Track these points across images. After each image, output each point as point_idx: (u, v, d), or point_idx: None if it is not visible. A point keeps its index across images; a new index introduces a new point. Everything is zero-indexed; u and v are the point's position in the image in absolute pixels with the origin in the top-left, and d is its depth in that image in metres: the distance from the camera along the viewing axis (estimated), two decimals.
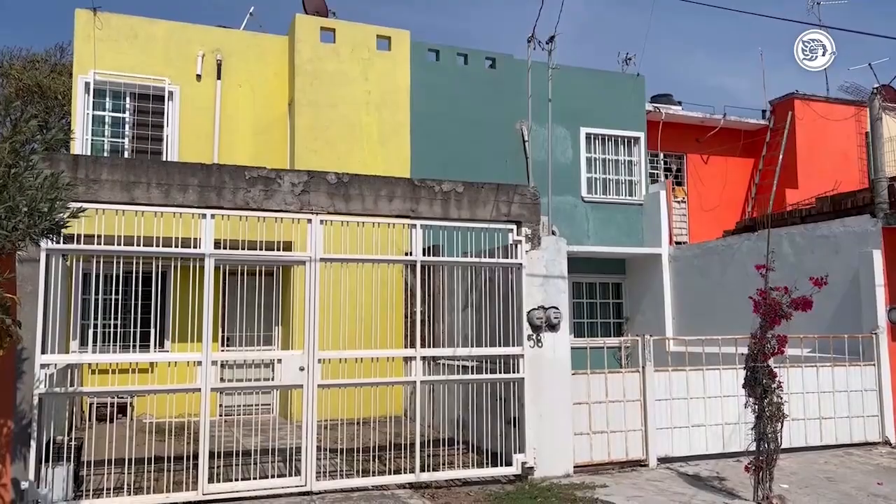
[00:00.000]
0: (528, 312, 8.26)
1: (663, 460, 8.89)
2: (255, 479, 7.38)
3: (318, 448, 7.52)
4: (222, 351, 10.84)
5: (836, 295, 10.38)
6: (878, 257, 10.35)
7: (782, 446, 7.35)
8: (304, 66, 13.41)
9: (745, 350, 7.51)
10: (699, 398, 9.22)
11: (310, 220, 7.52)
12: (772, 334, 7.22)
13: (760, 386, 7.15)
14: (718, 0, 8.65)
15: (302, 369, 7.35)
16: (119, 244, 6.87)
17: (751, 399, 7.27)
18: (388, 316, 8.41)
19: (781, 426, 7.20)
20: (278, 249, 7.51)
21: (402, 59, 14.13)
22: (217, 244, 7.21)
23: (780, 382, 7.23)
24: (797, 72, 46.56)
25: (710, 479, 8.15)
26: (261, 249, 7.37)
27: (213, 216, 7.19)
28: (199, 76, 13.28)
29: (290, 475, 7.46)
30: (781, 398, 7.22)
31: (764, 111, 18.15)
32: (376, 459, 8.16)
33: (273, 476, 7.49)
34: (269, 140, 13.58)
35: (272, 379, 7.89)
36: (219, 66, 13.39)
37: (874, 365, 10.21)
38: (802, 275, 7.84)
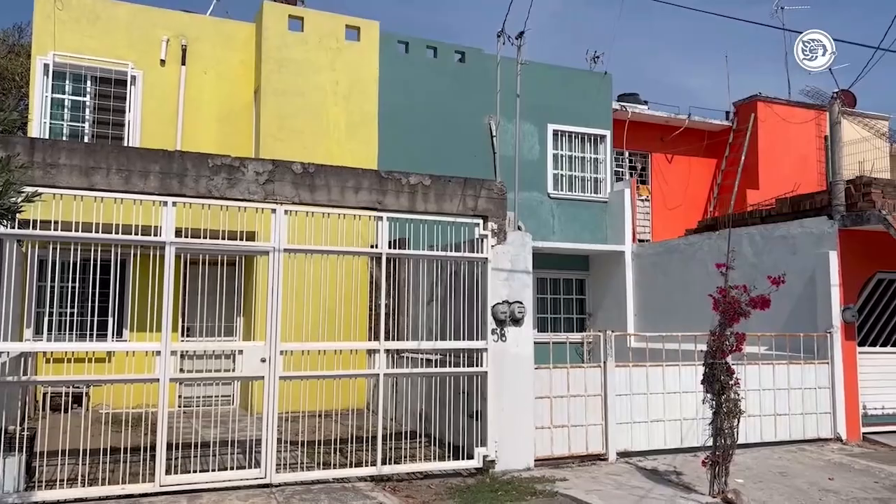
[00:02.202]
0: (493, 307, 8.29)
1: (622, 454, 9.00)
2: (213, 470, 7.28)
3: (279, 440, 7.46)
4: (182, 341, 10.67)
5: (793, 294, 10.60)
6: (833, 258, 10.60)
7: (738, 442, 7.49)
8: (271, 53, 13.25)
9: (704, 347, 7.62)
10: (658, 394, 9.35)
11: (274, 210, 7.43)
12: (730, 332, 7.35)
13: (718, 382, 7.28)
14: (686, 1, 8.75)
15: (263, 361, 7.27)
16: (77, 230, 6.70)
17: (709, 395, 7.39)
18: (353, 308, 8.36)
19: (738, 422, 7.33)
20: (241, 239, 7.42)
21: (371, 50, 14.05)
22: (178, 232, 7.10)
23: (737, 379, 7.37)
24: (760, 74, 47.39)
25: (667, 474, 8.27)
26: (223, 239, 7.27)
27: (174, 204, 7.06)
28: (163, 61, 13.03)
29: (250, 467, 7.38)
30: (738, 395, 7.35)
31: (727, 112, 18.43)
32: (338, 452, 8.13)
33: (232, 468, 7.40)
34: (234, 128, 13.40)
35: (233, 370, 7.79)
36: (184, 51, 13.15)
37: (828, 363, 10.46)
38: (761, 274, 7.99)
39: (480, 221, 8.40)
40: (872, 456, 9.63)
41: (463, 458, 8.14)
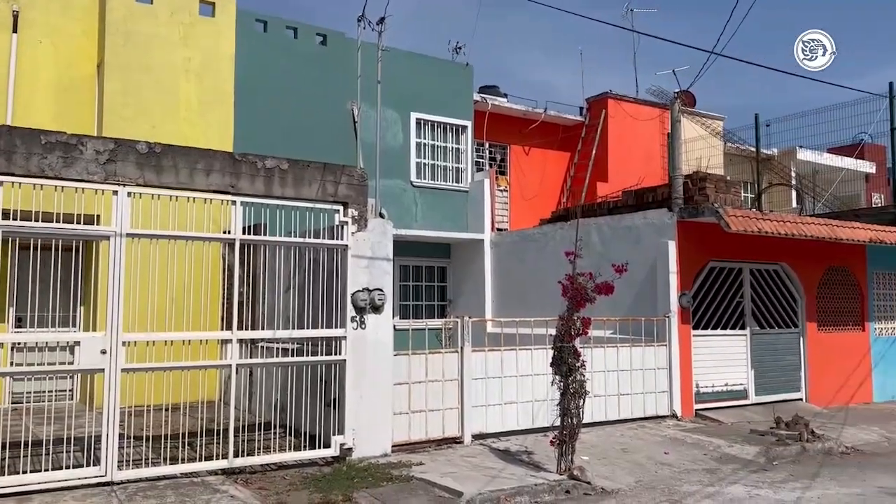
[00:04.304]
0: (353, 294, 8.22)
1: (478, 437, 9.24)
2: (46, 470, 6.77)
3: (122, 436, 7.05)
4: (12, 332, 9.81)
5: (636, 281, 11.28)
6: (672, 248, 11.37)
7: (584, 421, 7.91)
8: (117, 25, 12.38)
9: (554, 331, 7.96)
10: (512, 377, 9.67)
11: (115, 192, 6.97)
12: (577, 316, 7.71)
13: (566, 364, 7.62)
14: None
15: (104, 352, 6.83)
16: None
17: (557, 377, 7.72)
18: (204, 296, 8.01)
19: (584, 402, 7.72)
20: (80, 223, 6.90)
21: (227, 28, 13.46)
22: (6, 215, 6.50)
23: (583, 361, 7.75)
24: (613, 72, 49.97)
25: (519, 454, 8.58)
26: (59, 222, 6.73)
27: (0, 183, 6.46)
28: None
29: (89, 465, 6.92)
30: (585, 376, 7.73)
31: (581, 108, 19.28)
32: (187, 446, 7.78)
33: (69, 467, 6.91)
34: (74, 103, 12.42)
35: (72, 363, 7.25)
36: (15, 17, 12.02)
37: (666, 346, 11.24)
38: (608, 262, 8.42)
39: (341, 208, 8.29)
40: (703, 431, 10.47)
41: (320, 448, 8.04)
